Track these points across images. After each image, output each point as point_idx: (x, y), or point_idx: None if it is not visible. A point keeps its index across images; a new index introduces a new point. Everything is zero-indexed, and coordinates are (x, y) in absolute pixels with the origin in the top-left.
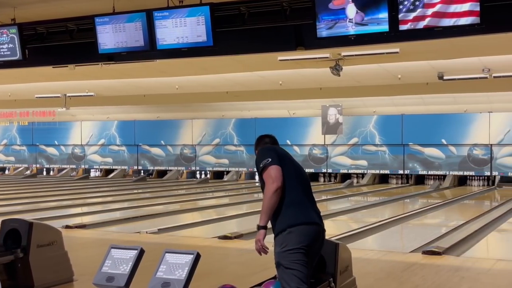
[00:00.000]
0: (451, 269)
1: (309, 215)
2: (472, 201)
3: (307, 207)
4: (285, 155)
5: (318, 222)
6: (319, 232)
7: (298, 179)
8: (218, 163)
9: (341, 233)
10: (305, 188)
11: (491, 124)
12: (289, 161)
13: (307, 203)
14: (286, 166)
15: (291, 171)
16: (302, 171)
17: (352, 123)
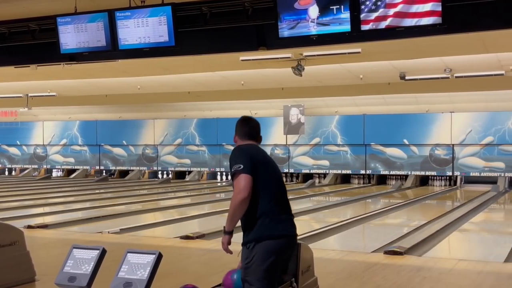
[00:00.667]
0: (412, 269)
1: (278, 227)
2: (434, 201)
3: (278, 218)
4: (260, 158)
5: (287, 234)
6: (287, 245)
7: (272, 186)
8: (180, 163)
9: (303, 233)
10: (279, 195)
11: (453, 124)
12: (264, 166)
13: (278, 213)
14: (260, 172)
15: (265, 177)
16: (278, 175)
17: (314, 123)
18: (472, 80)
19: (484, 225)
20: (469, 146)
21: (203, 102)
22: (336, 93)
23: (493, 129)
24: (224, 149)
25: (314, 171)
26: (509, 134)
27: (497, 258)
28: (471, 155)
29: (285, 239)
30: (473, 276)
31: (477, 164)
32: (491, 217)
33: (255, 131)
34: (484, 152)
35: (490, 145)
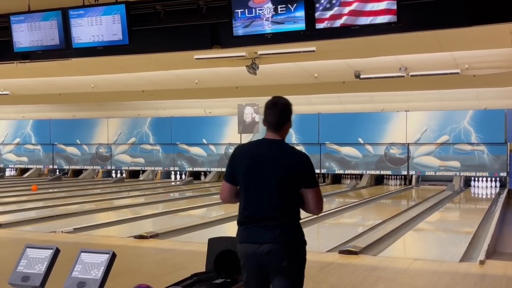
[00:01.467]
0: (367, 268)
1: (248, 235)
2: (389, 200)
3: (248, 225)
4: (243, 162)
5: (254, 241)
6: (259, 252)
7: (252, 191)
8: (134, 162)
9: None
10: (258, 200)
11: (408, 123)
12: (247, 169)
13: (250, 220)
14: (243, 179)
15: (246, 182)
16: (266, 179)
17: None
18: (427, 79)
19: (440, 224)
20: (425, 145)
21: (157, 101)
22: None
23: (448, 128)
24: (178, 148)
25: None
26: (464, 133)
27: (453, 257)
28: (427, 154)
29: (250, 246)
30: (428, 276)
31: (432, 163)
32: (447, 216)
33: (267, 118)
34: (440, 151)
35: (445, 144)
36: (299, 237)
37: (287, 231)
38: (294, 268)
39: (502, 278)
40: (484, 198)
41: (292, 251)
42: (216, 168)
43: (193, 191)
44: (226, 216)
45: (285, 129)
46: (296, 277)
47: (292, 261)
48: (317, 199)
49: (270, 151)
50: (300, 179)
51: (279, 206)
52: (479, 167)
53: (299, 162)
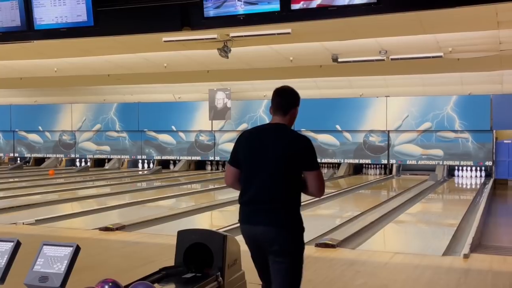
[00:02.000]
0: (345, 262)
1: (244, 215)
2: (368, 190)
3: (247, 207)
4: (246, 146)
5: (251, 222)
6: (251, 234)
7: (251, 174)
8: (99, 150)
9: (229, 225)
10: (257, 182)
11: (389, 109)
12: (249, 152)
13: (249, 202)
14: (244, 162)
15: (246, 164)
16: (266, 163)
17: (241, 108)
18: (408, 63)
19: (422, 216)
20: (406, 132)
21: (124, 86)
22: (265, 76)
23: (431, 114)
24: (145, 136)
25: None
26: (448, 119)
27: (435, 251)
28: (408, 142)
29: (250, 227)
30: (409, 270)
31: (414, 151)
32: (429, 207)
33: (274, 102)
34: (422, 139)
35: (428, 131)
36: (295, 222)
37: (283, 215)
38: (288, 253)
39: (488, 272)
40: (469, 188)
41: (287, 235)
42: (185, 156)
43: (161, 181)
44: (196, 208)
45: (292, 115)
46: (290, 262)
47: (286, 245)
48: (318, 182)
49: (273, 135)
50: (300, 162)
51: (277, 189)
52: (463, 156)
53: (300, 146)
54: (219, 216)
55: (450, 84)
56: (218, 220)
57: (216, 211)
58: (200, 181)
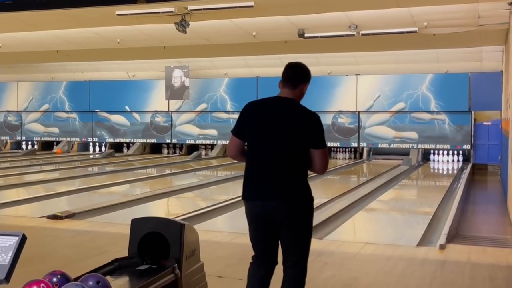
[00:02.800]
0: (312, 253)
1: (251, 192)
2: (337, 176)
3: (255, 182)
4: (254, 116)
5: (260, 198)
6: (261, 210)
7: (259, 147)
8: (47, 132)
9: (187, 213)
10: (266, 156)
11: (359, 89)
12: (256, 125)
13: (257, 177)
14: (249, 132)
15: (253, 137)
16: (271, 136)
17: (200, 87)
18: (380, 38)
19: (394, 203)
20: (377, 113)
21: (74, 63)
22: (226, 52)
23: (404, 94)
24: (97, 117)
25: (200, 141)
26: (423, 99)
27: (409, 241)
28: (380, 124)
29: (257, 203)
30: (381, 262)
31: (386, 134)
32: (402, 194)
33: (285, 75)
34: (395, 121)
35: (401, 112)
36: (306, 193)
37: (294, 188)
38: (301, 222)
39: (465, 264)
40: (445, 174)
41: (299, 207)
42: (140, 139)
43: (114, 165)
44: (152, 194)
45: (300, 90)
46: (304, 230)
47: (299, 216)
48: (323, 160)
49: (280, 109)
50: (308, 138)
51: (287, 163)
52: (440, 139)
53: (309, 122)
54: (176, 204)
55: (425, 62)
56: (175, 207)
57: (173, 198)
58: (155, 166)
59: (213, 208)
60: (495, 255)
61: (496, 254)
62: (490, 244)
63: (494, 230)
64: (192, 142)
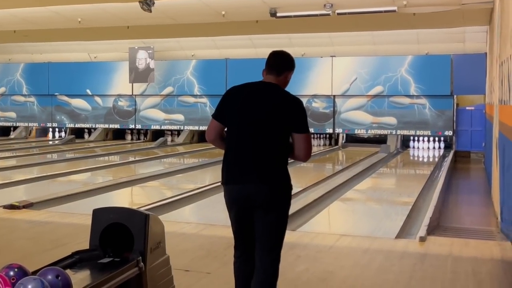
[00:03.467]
0: (285, 246)
1: (231, 175)
2: (311, 164)
3: (234, 166)
4: (235, 100)
5: (239, 182)
6: (241, 194)
7: (239, 131)
8: (4, 117)
9: (152, 202)
10: (246, 140)
11: (334, 71)
12: (237, 108)
13: (236, 161)
14: (229, 115)
15: (234, 121)
16: (255, 120)
17: (166, 69)
18: (357, 18)
19: (372, 193)
20: (354, 97)
21: (32, 43)
22: (193, 32)
23: (383, 77)
24: (56, 101)
25: (165, 127)
26: (402, 83)
27: (387, 233)
28: (356, 109)
29: (238, 186)
30: (357, 255)
31: (363, 119)
32: (380, 183)
33: (269, 62)
34: (372, 105)
35: (379, 96)
36: (286, 179)
37: (274, 171)
38: (280, 206)
39: (447, 257)
40: (426, 161)
41: (279, 191)
42: (102, 124)
43: (74, 152)
44: (115, 183)
45: (285, 78)
46: (282, 216)
47: (279, 199)
48: (306, 145)
49: (264, 93)
50: (290, 123)
51: (266, 147)
52: (420, 125)
53: (292, 106)
54: (141, 193)
55: (404, 43)
56: (140, 197)
57: (137, 187)
58: (119, 153)
59: (180, 197)
60: (479, 248)
61: (480, 247)
62: (473, 236)
63: (478, 222)
64: (157, 127)
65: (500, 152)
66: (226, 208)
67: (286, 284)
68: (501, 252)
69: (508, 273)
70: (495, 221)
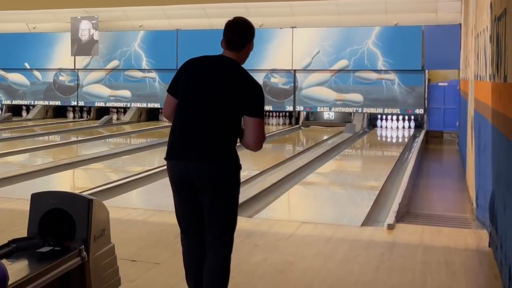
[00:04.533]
0: (241, 234)
1: (174, 150)
2: (269, 144)
3: (179, 141)
4: (191, 75)
5: (184, 158)
6: (183, 172)
7: (188, 105)
8: None
9: (95, 186)
10: (194, 115)
11: (295, 44)
12: (190, 82)
13: (182, 136)
14: (183, 92)
15: (184, 95)
16: (207, 96)
17: (112, 41)
18: None
19: (335, 176)
20: (316, 72)
21: None
22: (141, 1)
23: (347, 50)
24: None
25: (111, 104)
26: (369, 56)
27: (352, 220)
28: (319, 85)
29: (180, 163)
30: (320, 244)
31: (326, 96)
32: (345, 166)
33: (227, 36)
34: (336, 81)
35: (344, 71)
36: (233, 158)
37: (219, 150)
38: (227, 188)
39: (418, 247)
40: (395, 142)
41: (224, 171)
42: (42, 101)
43: (11, 131)
44: (55, 165)
45: (245, 52)
46: (230, 198)
47: (225, 180)
48: (256, 132)
49: (221, 69)
50: (244, 104)
51: (213, 124)
52: (388, 102)
53: (248, 87)
54: (84, 176)
55: (371, 13)
56: (82, 180)
57: (80, 169)
58: (59, 132)
59: (126, 181)
60: (452, 237)
61: (453, 236)
62: (446, 224)
63: (451, 208)
64: (101, 104)
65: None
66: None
67: (242, 276)
68: (476, 241)
69: (484, 264)
70: (469, 207)
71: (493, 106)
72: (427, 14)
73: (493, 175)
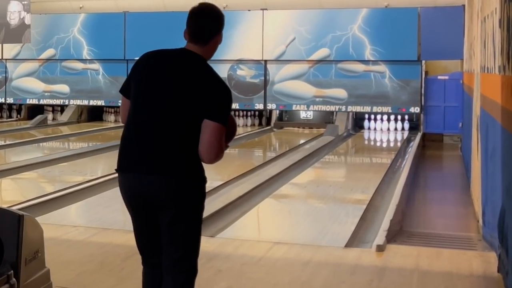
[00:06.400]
0: (201, 256)
1: (125, 160)
2: (235, 150)
3: (131, 149)
4: (145, 72)
5: (137, 170)
6: (136, 186)
7: (141, 108)
8: None
9: (27, 200)
10: (148, 119)
11: (266, 29)
12: (144, 80)
13: (134, 144)
14: (136, 91)
15: (137, 95)
16: (163, 96)
17: (47, 25)
18: None
19: (314, 188)
20: (291, 63)
21: None
22: None
23: (329, 36)
24: None
25: (45, 101)
26: (354, 44)
27: (335, 240)
28: (294, 78)
29: (131, 175)
30: (296, 269)
31: (303, 92)
32: (325, 175)
33: (190, 26)
34: (315, 74)
35: (324, 61)
36: (196, 170)
37: (179, 161)
38: (188, 205)
39: (413, 272)
40: (385, 147)
41: (185, 185)
42: None
43: None
44: None
45: (212, 45)
46: (191, 217)
47: (185, 196)
48: (213, 138)
49: (180, 65)
50: (206, 106)
51: (172, 130)
52: (377, 99)
53: (213, 88)
54: (13, 187)
55: None
56: (11, 192)
57: (8, 179)
58: None
59: (64, 193)
60: (454, 260)
61: (455, 259)
62: (447, 244)
63: (453, 226)
64: (34, 102)
65: (482, 135)
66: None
67: None
68: (483, 265)
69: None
70: (475, 225)
71: (503, 103)
72: None
73: (503, 187)
